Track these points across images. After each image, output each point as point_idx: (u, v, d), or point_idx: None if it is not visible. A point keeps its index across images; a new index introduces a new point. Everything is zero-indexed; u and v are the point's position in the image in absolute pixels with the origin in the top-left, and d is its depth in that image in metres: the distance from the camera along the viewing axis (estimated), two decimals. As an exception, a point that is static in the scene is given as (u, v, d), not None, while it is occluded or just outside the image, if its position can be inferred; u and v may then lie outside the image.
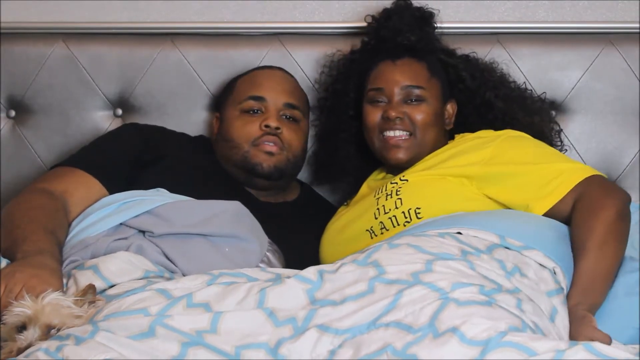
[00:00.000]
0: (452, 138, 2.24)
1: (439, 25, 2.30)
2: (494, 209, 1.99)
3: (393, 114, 2.14)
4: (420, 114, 2.15)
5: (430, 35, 2.27)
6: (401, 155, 2.15)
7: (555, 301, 1.72)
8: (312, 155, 2.44)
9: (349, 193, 2.33)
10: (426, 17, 2.28)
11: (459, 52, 2.33)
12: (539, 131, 2.23)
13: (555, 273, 1.77)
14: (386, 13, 2.28)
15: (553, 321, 1.67)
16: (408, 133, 2.15)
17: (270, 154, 2.21)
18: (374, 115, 2.18)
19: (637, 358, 1.43)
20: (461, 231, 1.80)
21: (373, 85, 2.19)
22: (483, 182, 2.01)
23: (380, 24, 2.28)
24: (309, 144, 2.40)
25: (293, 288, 1.62)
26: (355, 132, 2.27)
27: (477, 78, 2.26)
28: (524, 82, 2.38)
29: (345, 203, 2.29)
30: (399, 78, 2.17)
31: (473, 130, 2.21)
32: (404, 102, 2.16)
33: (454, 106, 2.25)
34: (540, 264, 1.77)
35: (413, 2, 2.31)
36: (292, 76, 2.35)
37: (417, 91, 2.16)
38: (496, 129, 2.18)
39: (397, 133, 2.15)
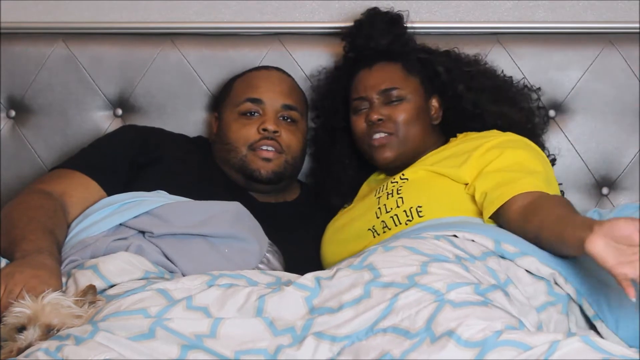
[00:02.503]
0: (455, 135, 2.24)
1: (410, 24, 2.33)
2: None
3: (375, 116, 2.17)
4: (401, 114, 2.17)
5: (402, 37, 2.30)
6: (387, 154, 2.17)
7: (543, 316, 1.72)
8: (309, 176, 2.44)
9: (349, 198, 2.33)
10: (395, 20, 2.31)
11: (442, 49, 2.34)
12: (510, 119, 2.22)
13: (554, 280, 1.77)
14: (358, 23, 2.32)
15: None
16: (389, 133, 2.16)
17: (267, 160, 2.21)
18: (359, 124, 2.21)
19: (637, 357, 1.43)
20: (457, 234, 1.80)
21: (355, 96, 2.24)
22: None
23: (353, 34, 2.32)
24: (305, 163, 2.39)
25: (292, 296, 1.62)
26: (348, 145, 2.30)
27: (452, 71, 2.28)
28: (503, 72, 2.37)
29: (345, 206, 2.29)
30: (375, 83, 2.20)
31: (477, 129, 2.22)
32: (385, 104, 2.19)
33: (439, 100, 2.26)
34: (535, 274, 1.76)
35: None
36: (289, 76, 2.35)
37: (394, 92, 2.19)
38: (466, 119, 2.22)
39: (381, 135, 2.17)
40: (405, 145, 2.17)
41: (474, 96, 2.25)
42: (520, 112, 2.27)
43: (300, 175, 2.40)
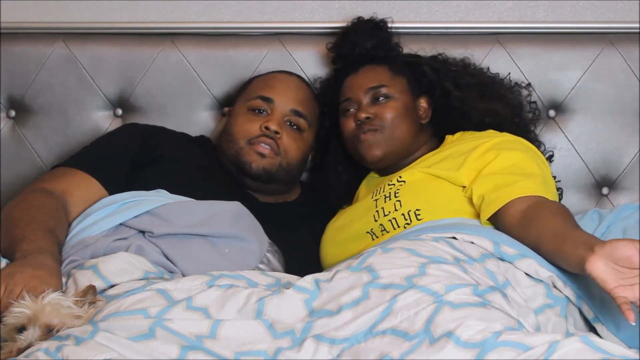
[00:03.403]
0: (450, 133, 2.24)
1: (395, 25, 2.35)
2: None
3: (363, 115, 2.18)
4: (389, 111, 2.19)
5: (387, 40, 2.33)
6: (376, 151, 2.18)
7: (541, 318, 1.72)
8: (309, 183, 2.43)
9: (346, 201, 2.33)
10: (379, 25, 2.33)
11: (429, 54, 2.37)
12: (498, 116, 2.24)
13: (553, 283, 1.77)
14: (343, 32, 2.35)
15: None
16: (376, 130, 2.17)
17: (262, 155, 2.20)
18: (348, 125, 2.23)
19: (636, 357, 1.43)
20: (456, 236, 1.80)
21: (342, 98, 2.25)
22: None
23: (339, 43, 2.35)
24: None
25: (291, 298, 1.62)
26: (340, 151, 2.31)
27: (439, 70, 2.30)
28: (487, 68, 2.38)
29: (344, 206, 2.30)
30: (362, 83, 2.23)
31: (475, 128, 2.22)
32: (372, 103, 2.20)
33: (428, 100, 2.28)
34: (533, 277, 1.77)
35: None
36: (309, 86, 2.35)
37: (382, 90, 2.21)
38: (455, 117, 2.23)
39: (369, 132, 2.17)
40: (393, 143, 2.18)
41: (461, 93, 2.26)
42: (507, 108, 2.28)
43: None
